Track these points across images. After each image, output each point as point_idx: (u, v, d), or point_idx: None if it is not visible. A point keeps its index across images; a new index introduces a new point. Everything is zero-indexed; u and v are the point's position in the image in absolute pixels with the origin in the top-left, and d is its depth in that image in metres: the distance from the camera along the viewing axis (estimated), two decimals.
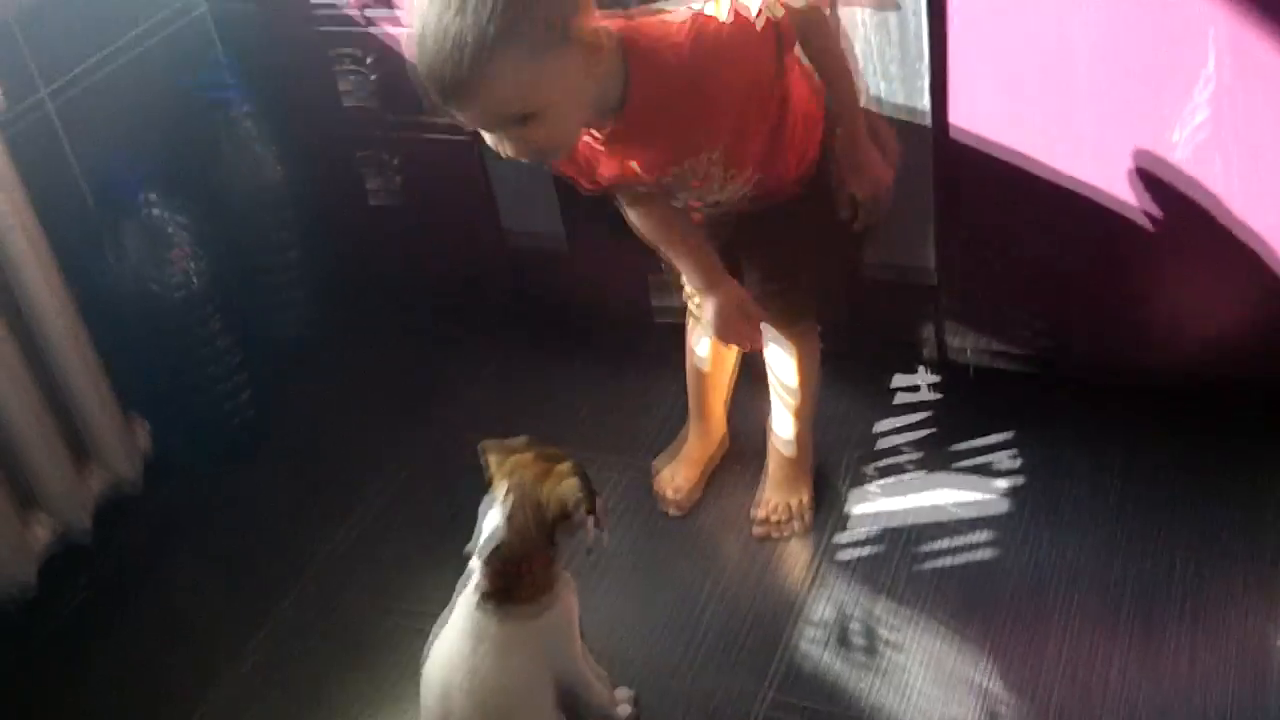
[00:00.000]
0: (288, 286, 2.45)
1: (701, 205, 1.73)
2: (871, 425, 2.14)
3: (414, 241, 2.36)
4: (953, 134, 1.85)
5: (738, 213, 1.76)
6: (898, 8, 1.77)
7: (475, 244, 2.31)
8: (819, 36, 1.62)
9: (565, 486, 1.48)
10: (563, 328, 2.39)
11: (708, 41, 1.48)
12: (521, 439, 1.57)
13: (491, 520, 1.50)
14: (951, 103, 1.83)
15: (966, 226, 1.94)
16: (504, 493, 1.50)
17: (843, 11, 1.80)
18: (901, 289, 2.03)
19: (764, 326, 1.85)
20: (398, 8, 2.10)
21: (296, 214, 2.39)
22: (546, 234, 2.25)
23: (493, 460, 1.54)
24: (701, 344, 2.00)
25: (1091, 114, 1.77)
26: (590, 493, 1.49)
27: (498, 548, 1.49)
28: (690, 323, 2.00)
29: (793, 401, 1.95)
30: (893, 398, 2.19)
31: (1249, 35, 1.61)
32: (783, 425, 1.98)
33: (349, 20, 2.14)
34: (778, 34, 1.54)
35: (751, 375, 2.04)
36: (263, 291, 2.42)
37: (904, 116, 1.86)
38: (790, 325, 1.88)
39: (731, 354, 2.03)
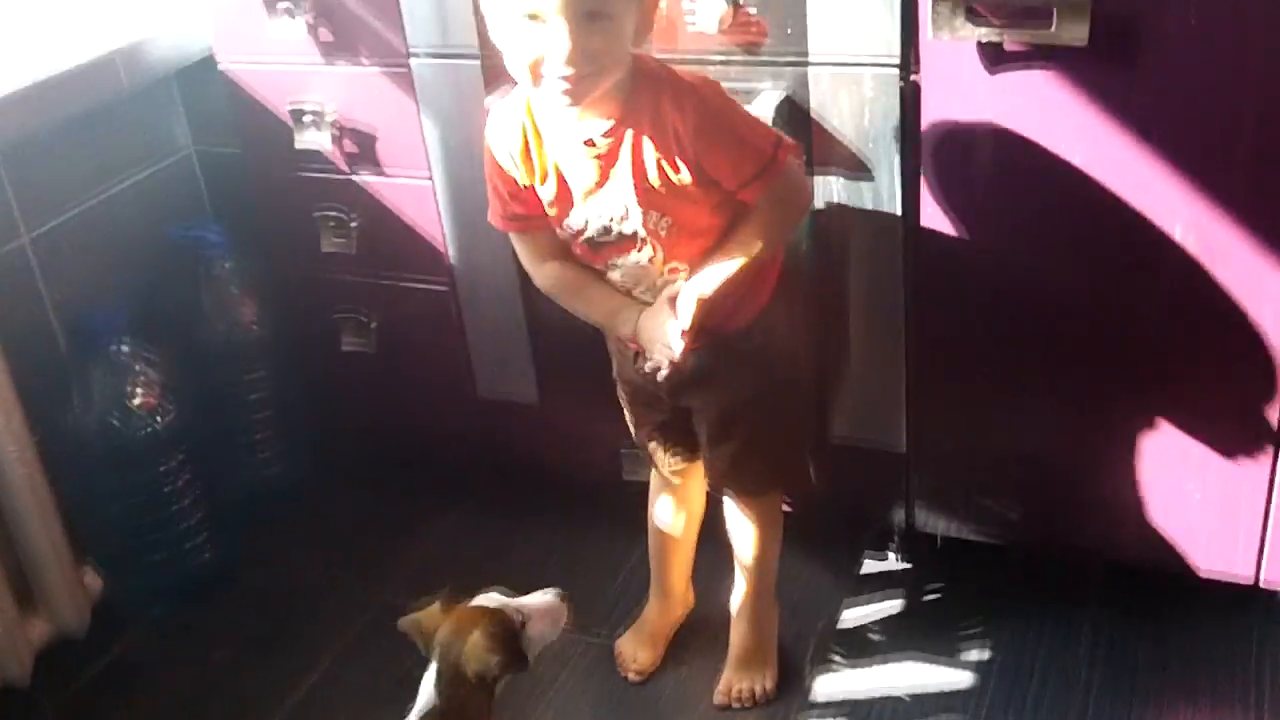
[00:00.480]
0: (258, 432, 2.42)
1: (634, 298, 1.69)
2: (839, 603, 2.10)
3: (386, 391, 2.34)
4: (924, 317, 1.86)
5: (691, 374, 1.72)
6: (872, 179, 1.78)
7: (448, 397, 2.29)
8: (793, 190, 1.64)
9: (471, 647, 1.49)
10: (532, 485, 2.36)
11: (718, 86, 1.58)
12: (433, 602, 1.57)
13: (425, 688, 1.50)
14: (926, 280, 1.83)
15: (938, 406, 1.93)
16: (434, 658, 1.50)
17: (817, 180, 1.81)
18: (872, 464, 2.01)
19: (728, 501, 1.84)
20: (382, 163, 2.11)
21: (270, 360, 2.37)
22: (521, 394, 2.23)
23: (416, 631, 1.55)
24: (663, 509, 1.97)
25: (1058, 308, 1.79)
26: (502, 642, 1.49)
27: (426, 716, 1.48)
28: (652, 490, 1.98)
29: (755, 576, 1.92)
30: (861, 576, 2.15)
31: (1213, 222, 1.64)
32: (745, 602, 1.94)
33: (333, 168, 2.15)
34: (778, 140, 1.57)
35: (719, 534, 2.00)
36: (232, 436, 2.40)
37: (877, 291, 1.86)
38: (752, 495, 1.86)
39: (694, 521, 1.99)
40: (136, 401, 2.10)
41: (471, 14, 1.91)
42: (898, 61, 1.70)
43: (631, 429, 1.93)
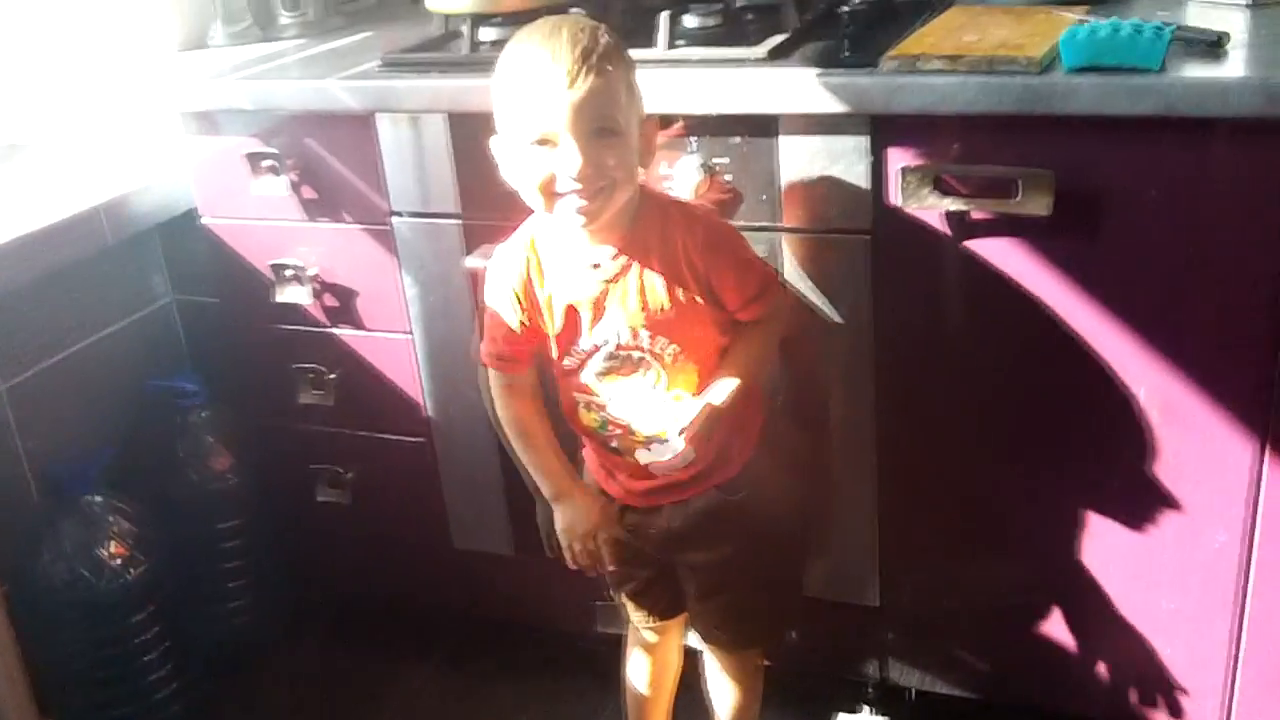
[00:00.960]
0: (230, 582, 2.40)
1: (634, 435, 1.68)
2: None
3: (362, 542, 2.34)
4: (895, 476, 1.89)
5: (680, 529, 1.74)
6: (845, 338, 1.82)
7: (424, 549, 2.30)
8: (786, 308, 1.71)
9: None
10: (507, 637, 2.36)
11: (718, 213, 1.68)
12: None
13: None
14: (896, 438, 1.87)
15: (910, 556, 1.94)
16: None
17: None
18: (845, 618, 2.02)
19: (708, 657, 1.83)
20: (361, 319, 2.14)
21: (244, 510, 2.37)
22: (496, 544, 2.23)
23: None
24: (639, 667, 1.96)
25: (1024, 467, 1.82)
26: None
27: None
28: (629, 648, 1.97)
29: None
30: None
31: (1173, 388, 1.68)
32: None
33: (313, 322, 2.18)
34: (774, 269, 1.66)
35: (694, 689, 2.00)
36: (204, 586, 2.38)
37: (850, 444, 1.89)
38: (743, 649, 1.86)
39: (672, 679, 1.99)
40: (108, 553, 2.09)
41: (452, 177, 1.96)
42: (869, 228, 1.75)
43: (611, 586, 1.92)
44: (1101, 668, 1.90)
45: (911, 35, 1.76)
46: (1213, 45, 1.61)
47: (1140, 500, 1.76)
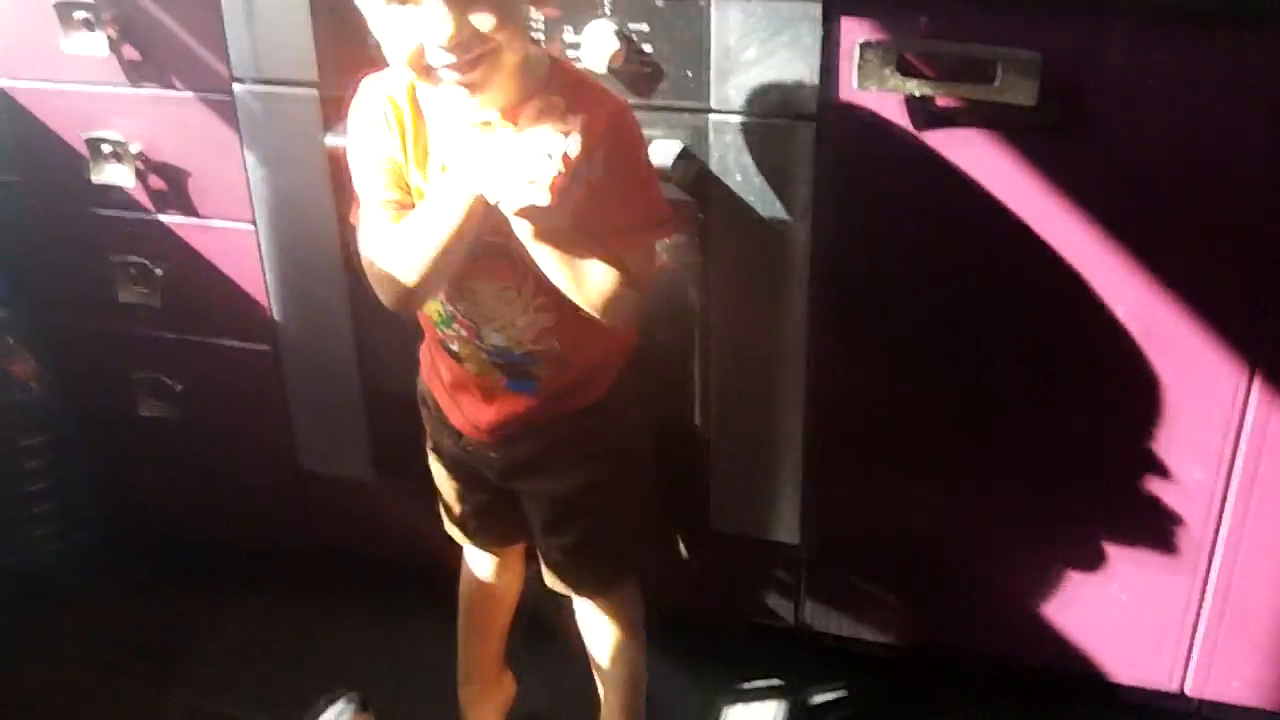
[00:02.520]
0: (34, 505, 2.10)
1: (480, 343, 1.44)
2: (719, 712, 1.88)
3: (191, 463, 2.05)
4: (828, 386, 1.66)
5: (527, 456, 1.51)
6: (780, 240, 1.57)
7: (264, 471, 2.01)
8: (652, 269, 1.44)
9: None
10: (355, 569, 2.10)
11: (634, 116, 1.37)
12: None
13: None
14: (832, 347, 1.64)
15: (837, 489, 1.74)
16: None
17: None
18: (759, 557, 1.80)
19: (578, 603, 1.64)
20: (195, 205, 1.82)
21: (52, 424, 2.06)
22: (352, 469, 1.95)
23: None
24: (469, 595, 1.78)
25: (979, 385, 1.61)
26: None
27: None
28: (463, 568, 1.78)
29: (619, 685, 1.71)
30: (744, 681, 1.93)
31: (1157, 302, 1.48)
32: (611, 715, 1.73)
33: (137, 207, 1.85)
34: (669, 214, 1.41)
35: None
36: (3, 516, 2.07)
37: (776, 356, 1.66)
38: (594, 592, 1.65)
39: (503, 610, 1.80)
40: None
41: (309, 38, 1.64)
42: (813, 113, 1.50)
43: (443, 510, 1.69)
44: (1049, 612, 1.73)
45: None
46: None
47: (1108, 432, 1.58)
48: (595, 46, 1.51)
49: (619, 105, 1.36)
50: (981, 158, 1.46)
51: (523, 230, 1.30)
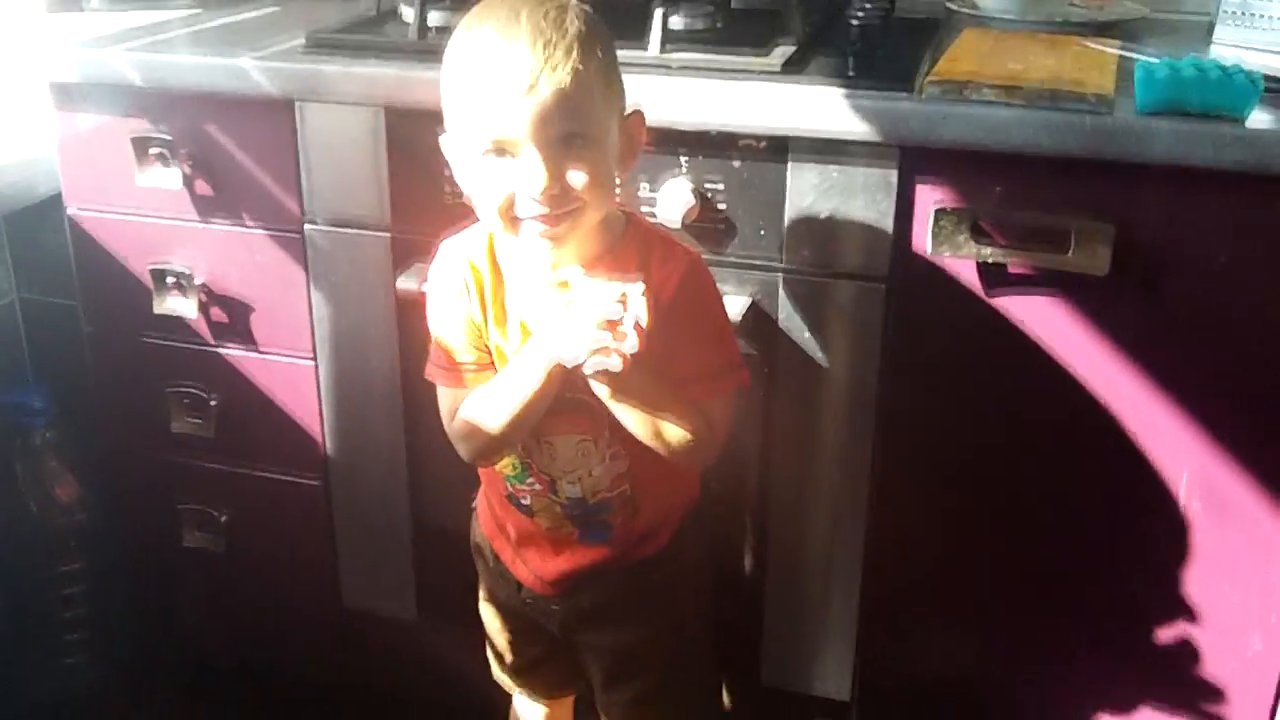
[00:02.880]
0: (69, 638, 2.08)
1: (554, 496, 1.43)
2: None
3: (233, 596, 2.03)
4: (885, 553, 1.66)
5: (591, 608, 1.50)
6: (846, 402, 1.58)
7: (307, 607, 1.99)
8: (728, 419, 1.41)
9: None
10: (397, 712, 2.05)
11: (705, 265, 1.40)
12: None
13: None
14: (890, 515, 1.64)
15: (894, 653, 1.73)
16: None
17: None
18: (808, 712, 1.78)
19: None
20: (256, 338, 1.83)
21: (93, 554, 2.05)
22: (395, 607, 1.94)
23: None
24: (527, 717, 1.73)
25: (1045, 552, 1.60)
26: None
27: None
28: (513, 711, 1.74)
29: None
30: None
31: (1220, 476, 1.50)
32: None
33: (196, 338, 1.86)
34: (742, 361, 1.41)
35: None
36: (36, 639, 2.05)
37: (833, 525, 1.66)
38: None
39: None
40: None
41: (384, 182, 1.67)
42: (885, 275, 1.52)
43: (494, 662, 1.66)
44: None
45: (943, 58, 1.54)
46: None
47: (1168, 599, 1.58)
48: (672, 203, 1.54)
49: (693, 257, 1.38)
50: (1051, 322, 1.48)
51: (600, 390, 1.31)
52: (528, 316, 1.35)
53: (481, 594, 1.62)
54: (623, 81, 1.29)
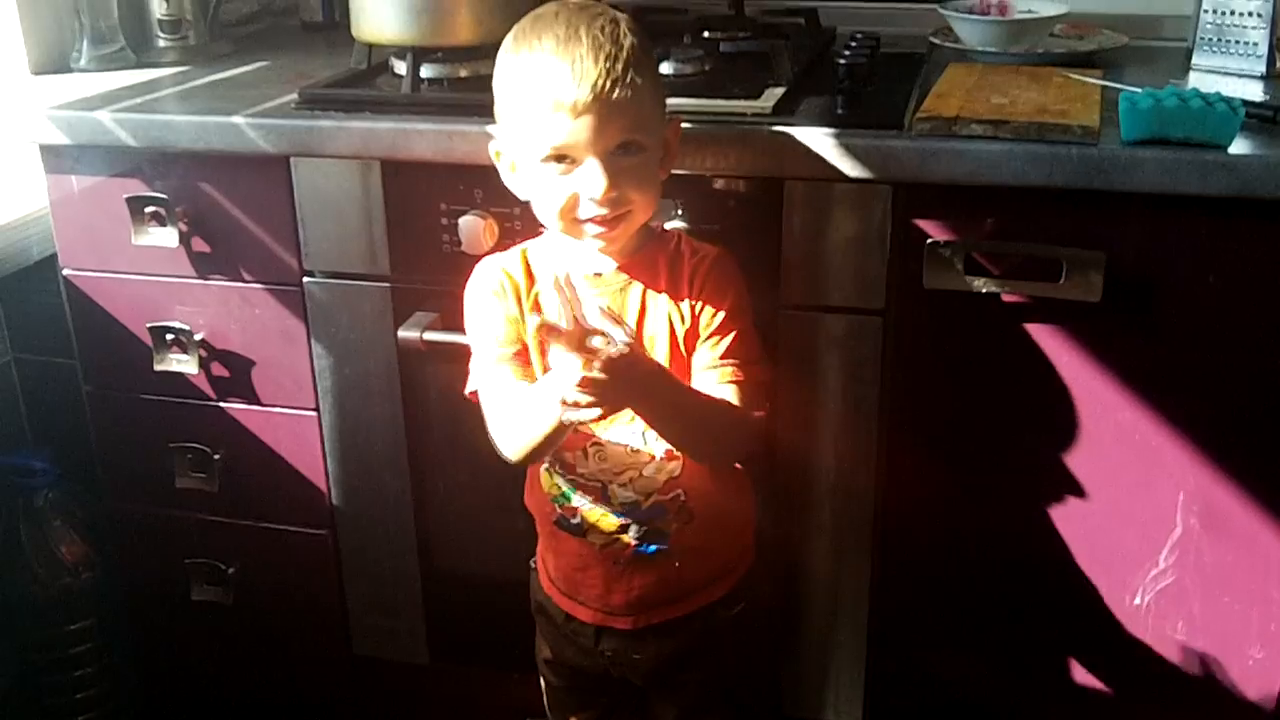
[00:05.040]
0: (80, 696, 2.07)
1: (608, 504, 1.44)
2: None
3: (243, 648, 2.04)
4: (890, 583, 1.68)
5: (673, 653, 1.50)
6: (851, 428, 1.61)
7: (317, 656, 2.00)
8: (758, 406, 1.44)
9: None
10: None
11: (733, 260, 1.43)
12: None
13: None
14: (895, 544, 1.66)
15: (905, 684, 1.75)
16: None
17: None
18: None
19: None
20: (258, 392, 1.84)
21: (101, 613, 2.04)
22: (407, 653, 1.95)
23: None
24: None
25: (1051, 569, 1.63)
26: None
27: None
28: None
29: None
30: None
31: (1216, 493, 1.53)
32: None
33: (198, 394, 1.87)
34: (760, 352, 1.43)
35: None
36: (47, 701, 2.05)
37: (840, 548, 1.69)
38: None
39: None
40: None
41: (383, 234, 1.70)
42: (882, 307, 1.55)
43: (550, 712, 1.66)
44: None
45: (930, 95, 1.57)
46: (1269, 119, 1.47)
47: (1171, 614, 1.61)
48: None
49: (722, 249, 1.43)
50: (1048, 349, 1.52)
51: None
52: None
53: (544, 653, 1.60)
54: (663, 89, 1.36)
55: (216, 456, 1.90)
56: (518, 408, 1.38)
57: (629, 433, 1.41)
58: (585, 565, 1.48)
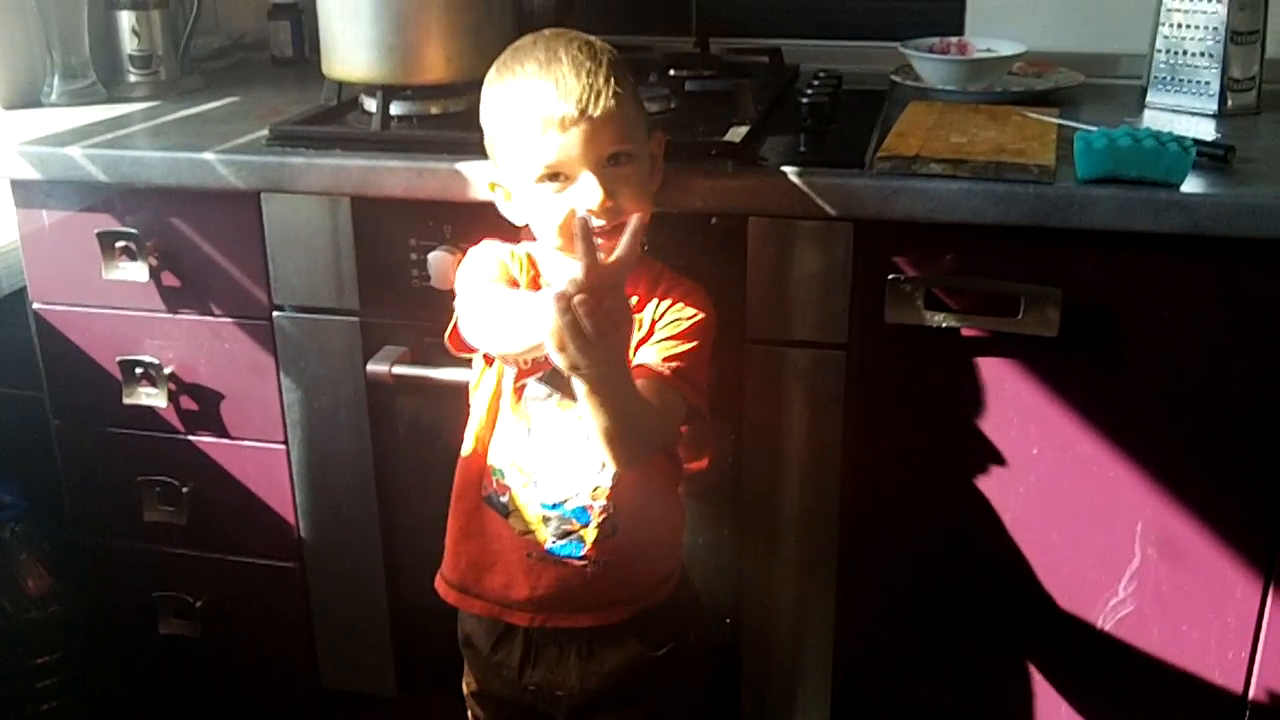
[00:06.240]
0: None
1: (536, 487, 1.45)
2: None
3: (212, 680, 2.04)
4: (855, 607, 1.70)
5: (595, 690, 1.51)
6: (816, 462, 1.64)
7: (286, 688, 2.00)
8: (678, 416, 1.42)
9: None
10: None
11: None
12: None
13: None
14: (859, 571, 1.69)
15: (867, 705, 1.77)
16: None
17: None
18: None
19: None
20: (227, 426, 1.85)
21: (67, 646, 2.04)
22: (375, 685, 1.96)
23: None
24: None
25: (1011, 600, 1.66)
26: None
27: None
28: None
29: None
30: None
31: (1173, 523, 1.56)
32: None
33: (166, 427, 1.88)
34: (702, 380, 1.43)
35: None
36: None
37: (807, 574, 1.70)
38: None
39: None
40: None
41: (352, 269, 1.71)
42: (845, 342, 1.57)
43: None
44: None
45: (890, 134, 1.60)
46: (1219, 159, 1.51)
47: (1131, 640, 1.64)
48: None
49: (700, 285, 1.47)
50: (1006, 382, 1.55)
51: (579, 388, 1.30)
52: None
53: (469, 686, 1.62)
54: (642, 101, 1.43)
55: (185, 489, 1.91)
56: (506, 304, 1.40)
57: (577, 432, 1.42)
58: (497, 551, 1.49)
